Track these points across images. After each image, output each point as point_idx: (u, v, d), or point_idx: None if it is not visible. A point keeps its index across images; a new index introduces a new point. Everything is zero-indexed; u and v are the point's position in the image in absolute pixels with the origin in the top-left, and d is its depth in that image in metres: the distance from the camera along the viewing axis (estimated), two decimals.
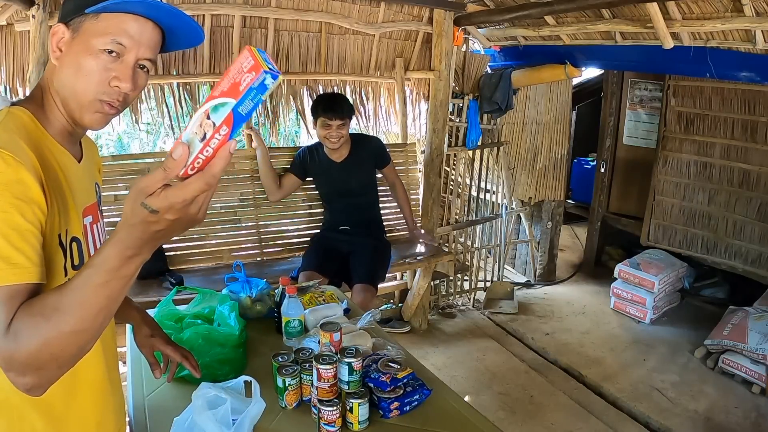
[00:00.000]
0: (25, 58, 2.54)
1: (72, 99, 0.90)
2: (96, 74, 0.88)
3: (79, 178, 0.97)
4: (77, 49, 0.88)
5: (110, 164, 2.84)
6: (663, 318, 3.99)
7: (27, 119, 0.88)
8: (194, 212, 0.68)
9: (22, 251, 0.76)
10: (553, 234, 4.73)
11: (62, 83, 0.90)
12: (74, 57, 0.88)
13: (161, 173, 0.65)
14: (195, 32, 0.95)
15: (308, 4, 3.11)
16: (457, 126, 3.94)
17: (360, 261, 2.90)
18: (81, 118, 0.92)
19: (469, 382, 3.18)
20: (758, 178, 3.71)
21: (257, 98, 0.64)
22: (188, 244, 3.01)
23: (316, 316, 1.72)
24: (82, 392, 0.95)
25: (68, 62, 0.89)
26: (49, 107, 0.92)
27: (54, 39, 0.89)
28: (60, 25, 0.89)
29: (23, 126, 0.86)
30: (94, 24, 0.87)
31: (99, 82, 0.88)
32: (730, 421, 2.86)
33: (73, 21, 0.88)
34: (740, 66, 2.86)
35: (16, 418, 0.87)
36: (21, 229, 0.76)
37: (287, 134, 5.83)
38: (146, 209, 0.65)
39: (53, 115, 0.92)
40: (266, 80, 0.62)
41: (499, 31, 3.91)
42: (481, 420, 1.38)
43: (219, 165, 0.65)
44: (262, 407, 1.21)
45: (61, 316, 0.71)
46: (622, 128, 4.71)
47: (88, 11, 0.87)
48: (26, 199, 0.77)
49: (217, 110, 0.63)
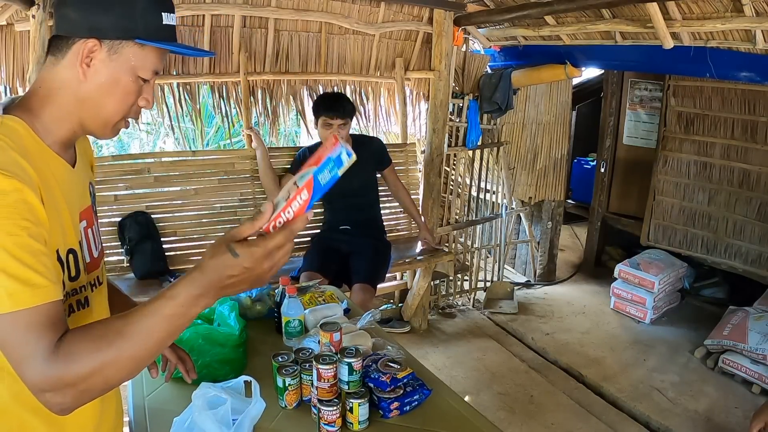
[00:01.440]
0: (25, 58, 2.54)
1: (98, 115, 0.91)
2: (131, 97, 0.91)
3: (74, 184, 0.96)
4: (117, 71, 0.88)
5: (110, 164, 2.85)
6: (663, 318, 3.99)
7: (23, 131, 0.85)
8: (267, 267, 0.76)
9: (38, 271, 0.76)
10: (553, 234, 4.73)
11: (90, 97, 0.89)
12: (112, 77, 0.88)
13: (249, 224, 0.75)
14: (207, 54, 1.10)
15: (308, 4, 3.11)
16: (457, 126, 3.94)
17: (360, 261, 2.90)
18: (98, 132, 0.93)
19: (469, 382, 3.18)
20: (758, 178, 3.71)
21: (334, 171, 0.78)
22: (188, 245, 3.01)
23: (316, 316, 1.72)
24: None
25: (103, 80, 0.88)
26: (52, 116, 0.89)
27: (84, 52, 0.87)
28: (94, 40, 0.87)
29: (20, 140, 0.83)
30: (139, 51, 0.89)
31: (130, 104, 0.92)
32: (730, 421, 2.86)
33: (109, 41, 0.87)
34: (740, 66, 2.86)
35: (15, 424, 0.87)
36: (33, 249, 0.77)
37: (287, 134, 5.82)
38: (229, 251, 0.74)
39: (56, 124, 0.90)
40: (342, 155, 0.78)
41: (499, 31, 3.91)
42: (481, 420, 1.38)
43: (298, 224, 0.77)
44: (262, 407, 1.21)
45: (125, 342, 0.75)
46: (622, 128, 4.70)
47: (139, 41, 0.88)
48: (34, 220, 0.78)
49: (303, 178, 0.77)
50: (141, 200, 2.91)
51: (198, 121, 3.24)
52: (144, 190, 2.97)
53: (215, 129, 5.96)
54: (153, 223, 2.85)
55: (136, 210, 2.82)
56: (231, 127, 3.27)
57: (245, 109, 3.14)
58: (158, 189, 2.99)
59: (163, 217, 2.93)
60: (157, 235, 2.85)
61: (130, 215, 2.78)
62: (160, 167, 2.97)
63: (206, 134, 5.60)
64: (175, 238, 2.97)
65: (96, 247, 1.02)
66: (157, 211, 2.91)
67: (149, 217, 2.84)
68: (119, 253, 2.78)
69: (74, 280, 0.92)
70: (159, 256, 2.82)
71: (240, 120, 3.24)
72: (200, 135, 3.68)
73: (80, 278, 0.94)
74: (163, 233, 2.90)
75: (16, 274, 0.74)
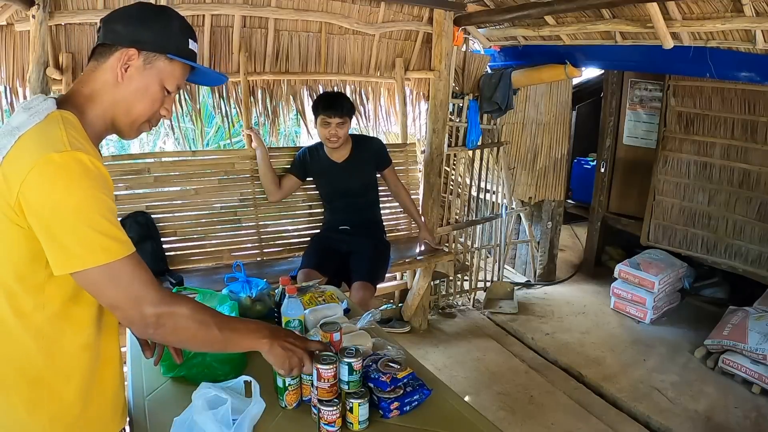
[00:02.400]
0: (25, 58, 2.54)
1: (128, 114, 1.07)
2: (157, 104, 1.09)
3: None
4: (149, 79, 1.06)
5: (110, 164, 2.84)
6: (663, 318, 3.99)
7: (77, 123, 0.98)
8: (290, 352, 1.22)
9: (121, 230, 0.96)
10: (553, 234, 4.73)
11: (124, 98, 1.05)
12: (144, 83, 1.06)
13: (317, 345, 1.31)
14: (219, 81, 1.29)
15: (308, 4, 3.11)
16: (457, 126, 3.94)
17: (360, 260, 2.90)
18: (124, 130, 1.09)
19: (469, 382, 3.18)
20: (758, 178, 3.71)
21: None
22: (188, 244, 3.01)
23: (316, 316, 1.71)
24: (107, 365, 1.12)
25: (137, 85, 1.05)
26: (94, 113, 1.04)
27: (125, 58, 1.04)
28: (134, 50, 1.04)
29: (78, 130, 0.97)
30: (168, 65, 1.08)
31: (155, 110, 1.10)
32: (730, 421, 2.86)
33: (146, 52, 1.05)
34: (740, 66, 2.86)
35: (46, 392, 1.00)
36: (114, 212, 0.96)
37: (287, 134, 5.82)
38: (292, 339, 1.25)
39: (97, 120, 1.05)
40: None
41: (499, 31, 3.91)
42: (481, 420, 1.38)
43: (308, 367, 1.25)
44: (261, 407, 1.21)
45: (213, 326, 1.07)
46: (622, 128, 4.71)
47: (170, 56, 1.07)
48: (110, 189, 0.96)
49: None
50: (141, 200, 2.91)
51: (198, 121, 3.24)
52: (144, 190, 2.97)
53: (215, 129, 5.96)
54: (153, 223, 2.85)
55: (136, 210, 2.82)
56: (231, 127, 3.27)
57: (245, 109, 3.14)
58: (158, 189, 2.99)
59: (163, 217, 2.93)
60: (157, 235, 2.85)
61: (130, 215, 2.78)
62: (160, 167, 2.97)
63: (206, 134, 5.60)
64: (175, 238, 2.97)
65: None
66: (157, 211, 2.91)
67: (149, 217, 2.84)
68: None
69: None
70: (159, 256, 2.82)
71: (240, 120, 3.24)
72: (200, 135, 3.68)
73: None
74: (163, 233, 2.90)
75: (109, 232, 0.93)
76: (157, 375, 1.47)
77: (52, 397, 1.01)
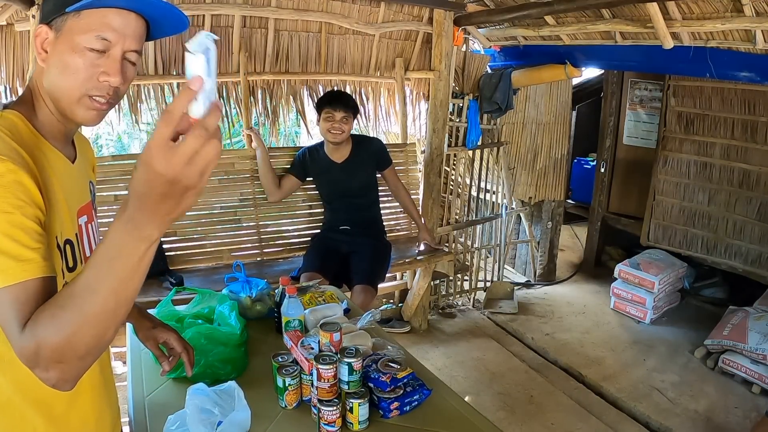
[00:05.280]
0: (25, 58, 2.55)
1: (62, 98, 0.90)
2: (83, 71, 0.88)
3: (73, 179, 0.98)
4: (62, 48, 0.87)
5: (110, 164, 2.84)
6: (663, 318, 3.99)
7: (20, 123, 0.88)
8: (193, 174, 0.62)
9: (30, 247, 0.77)
10: (553, 234, 4.73)
11: (51, 83, 0.90)
12: (60, 56, 0.88)
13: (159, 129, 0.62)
14: (179, 19, 0.94)
15: (308, 4, 3.11)
16: (457, 126, 3.94)
17: (360, 261, 2.89)
18: (74, 116, 0.91)
19: (469, 382, 3.18)
20: (758, 178, 3.71)
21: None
22: (188, 244, 3.01)
23: (316, 316, 1.72)
24: (81, 390, 0.95)
25: (55, 62, 0.88)
26: (40, 109, 0.92)
27: (38, 41, 0.89)
28: (42, 26, 0.89)
29: (17, 130, 0.85)
30: (76, 22, 0.87)
31: (87, 78, 0.88)
32: (730, 421, 2.86)
33: (54, 21, 0.88)
34: (740, 66, 2.86)
35: (18, 418, 0.88)
36: (26, 227, 0.77)
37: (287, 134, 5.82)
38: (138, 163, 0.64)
39: (45, 117, 0.93)
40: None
41: (499, 31, 3.91)
42: (481, 420, 1.38)
43: (211, 120, 0.62)
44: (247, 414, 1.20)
45: (75, 303, 0.70)
46: (622, 128, 4.71)
47: (69, 10, 0.86)
48: (28, 200, 0.79)
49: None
50: None
51: None
52: None
53: None
54: None
55: None
56: (231, 127, 3.27)
57: (245, 109, 3.14)
58: None
59: None
60: None
61: None
62: None
63: None
64: (175, 238, 2.97)
65: (96, 243, 1.04)
66: None
67: None
68: None
69: (72, 270, 0.93)
70: (159, 255, 2.82)
71: (240, 120, 3.24)
72: None
73: (77, 270, 0.95)
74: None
75: (7, 250, 0.74)
76: (157, 375, 1.47)
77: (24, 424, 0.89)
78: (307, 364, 1.27)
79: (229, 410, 1.21)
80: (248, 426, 1.21)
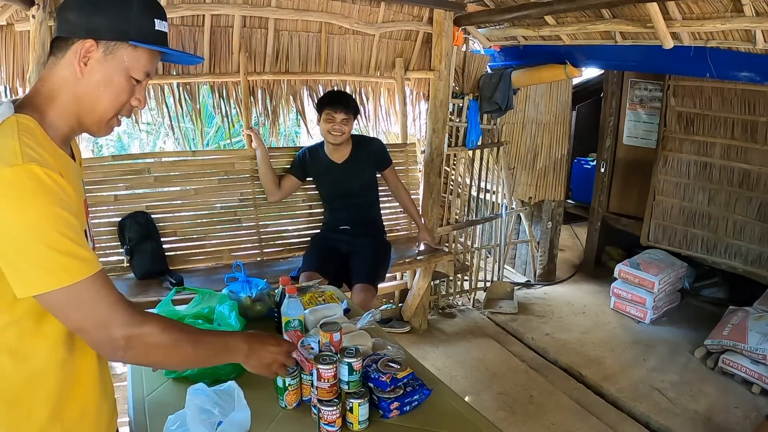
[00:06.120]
0: (25, 58, 2.54)
1: (93, 111, 0.98)
2: (124, 95, 0.99)
3: (77, 177, 1.02)
4: (111, 70, 0.96)
5: (110, 164, 2.84)
6: (663, 318, 3.99)
7: (35, 128, 0.91)
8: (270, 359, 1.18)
9: (84, 246, 0.89)
10: (553, 234, 4.73)
11: (87, 94, 0.96)
12: (107, 75, 0.96)
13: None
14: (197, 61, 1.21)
15: (308, 4, 3.11)
16: (457, 126, 3.94)
17: (360, 261, 2.89)
18: (93, 128, 1.01)
19: (469, 382, 3.18)
20: (758, 178, 3.71)
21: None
22: (188, 244, 3.01)
23: (316, 316, 1.71)
24: (82, 382, 1.02)
25: (99, 78, 0.95)
26: (56, 113, 0.96)
27: (82, 52, 0.94)
28: (91, 40, 0.94)
29: (34, 135, 0.89)
30: (132, 53, 0.97)
31: (123, 102, 0.99)
32: (730, 421, 2.86)
33: (106, 41, 0.95)
34: (740, 66, 2.86)
35: (24, 416, 0.94)
36: (76, 227, 0.88)
37: (287, 134, 5.82)
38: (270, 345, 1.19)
39: (60, 121, 0.97)
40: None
41: (499, 31, 3.91)
42: (481, 420, 1.38)
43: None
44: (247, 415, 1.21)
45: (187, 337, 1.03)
46: (622, 128, 4.71)
47: (133, 43, 0.96)
48: (69, 202, 0.88)
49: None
50: (141, 200, 2.90)
51: (198, 121, 3.24)
52: (144, 190, 2.97)
53: (215, 129, 5.96)
54: (153, 223, 2.84)
55: (136, 210, 2.82)
56: (231, 127, 3.27)
57: (245, 109, 3.14)
58: (158, 189, 2.99)
59: (163, 217, 2.93)
60: (157, 235, 2.84)
61: (130, 215, 2.78)
62: (160, 167, 2.97)
63: (206, 134, 5.60)
64: (175, 238, 2.97)
65: (91, 238, 1.07)
66: (157, 211, 2.91)
67: (149, 217, 2.84)
68: (119, 253, 2.78)
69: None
70: (159, 256, 2.82)
71: (240, 120, 3.23)
72: (200, 135, 3.67)
73: None
74: (163, 233, 2.90)
75: (69, 250, 0.86)
76: (157, 375, 1.47)
77: (30, 420, 0.94)
78: (307, 364, 1.28)
79: (229, 410, 1.21)
80: (248, 426, 1.21)
